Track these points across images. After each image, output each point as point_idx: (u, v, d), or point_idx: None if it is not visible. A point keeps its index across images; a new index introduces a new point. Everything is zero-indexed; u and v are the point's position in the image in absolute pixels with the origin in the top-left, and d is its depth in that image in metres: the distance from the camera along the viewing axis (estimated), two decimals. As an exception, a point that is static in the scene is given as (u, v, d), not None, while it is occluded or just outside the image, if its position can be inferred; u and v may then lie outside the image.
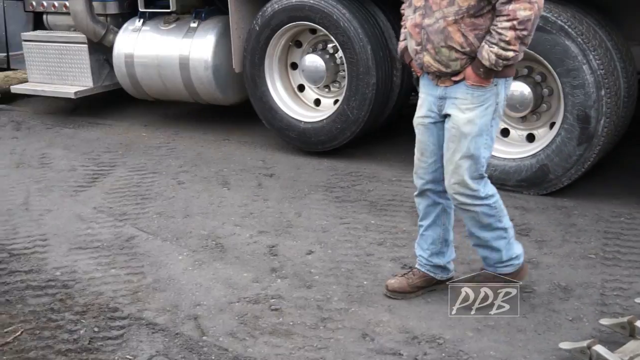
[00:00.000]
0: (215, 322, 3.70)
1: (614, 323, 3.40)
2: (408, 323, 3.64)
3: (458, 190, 3.54)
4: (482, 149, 3.49)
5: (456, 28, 3.33)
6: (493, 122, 3.50)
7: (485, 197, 3.56)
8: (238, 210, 5.24)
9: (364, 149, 6.49)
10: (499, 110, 3.49)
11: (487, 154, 3.54)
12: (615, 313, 3.65)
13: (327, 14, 5.92)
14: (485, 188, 3.57)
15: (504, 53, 3.24)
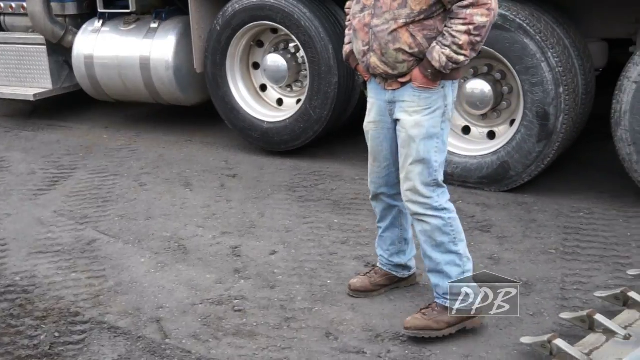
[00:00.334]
0: (178, 324, 3.69)
1: (574, 317, 3.44)
2: (371, 321, 3.66)
3: (410, 197, 3.44)
4: (432, 152, 3.38)
5: (405, 29, 3.25)
6: (443, 125, 3.40)
7: (440, 208, 3.42)
8: (201, 211, 5.22)
9: (327, 148, 6.51)
10: (448, 113, 3.40)
11: (439, 159, 3.41)
12: (575, 307, 3.69)
13: (288, 14, 5.92)
14: (439, 198, 3.43)
15: (455, 56, 3.17)
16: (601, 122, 5.44)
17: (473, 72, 5.45)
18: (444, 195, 3.46)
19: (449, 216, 3.44)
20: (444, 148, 3.43)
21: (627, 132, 4.82)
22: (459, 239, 3.47)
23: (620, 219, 4.80)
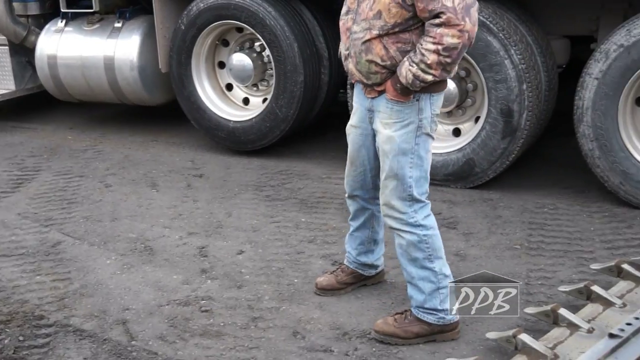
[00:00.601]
0: (144, 326, 3.66)
1: (538, 311, 3.47)
2: (339, 319, 3.67)
3: (386, 212, 3.40)
4: (406, 168, 3.27)
5: (378, 41, 3.16)
6: (418, 139, 3.25)
7: (415, 224, 3.34)
8: (167, 212, 5.19)
9: (293, 147, 6.51)
10: (424, 127, 3.25)
11: (414, 174, 3.29)
12: (539, 302, 3.73)
13: (253, 12, 5.91)
14: (416, 214, 3.34)
15: (423, 75, 3.04)
16: (564, 119, 5.50)
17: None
18: (421, 211, 3.36)
19: (424, 233, 3.35)
20: (421, 163, 3.29)
21: (589, 128, 4.88)
22: (435, 256, 3.38)
23: (583, 214, 4.86)
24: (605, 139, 4.84)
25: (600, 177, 4.95)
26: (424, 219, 3.36)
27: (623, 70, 4.72)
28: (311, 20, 6.11)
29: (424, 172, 3.33)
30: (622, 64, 4.71)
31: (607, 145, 4.86)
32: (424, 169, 3.33)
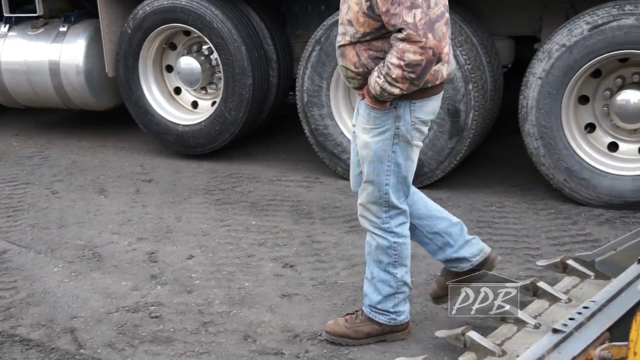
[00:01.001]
0: (93, 333, 3.62)
1: (487, 309, 3.52)
2: (290, 322, 3.66)
3: (361, 212, 3.36)
4: (382, 175, 3.21)
5: (352, 47, 3.09)
6: (395, 147, 3.16)
7: (388, 230, 3.30)
8: (116, 217, 5.14)
9: (243, 150, 6.50)
10: (402, 135, 3.14)
11: (391, 181, 3.22)
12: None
13: (199, 15, 5.88)
14: (392, 221, 3.30)
15: (389, 88, 2.96)
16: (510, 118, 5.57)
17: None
18: (397, 218, 3.31)
19: (395, 240, 3.31)
20: (398, 170, 3.20)
21: (534, 127, 4.95)
22: (400, 263, 3.36)
23: (530, 212, 4.94)
24: (550, 137, 4.93)
25: (546, 175, 5.03)
26: (398, 226, 3.32)
27: (565, 69, 4.80)
28: (259, 23, 6.10)
29: (402, 178, 3.24)
30: (565, 63, 4.79)
31: (551, 144, 4.94)
32: (402, 176, 3.23)
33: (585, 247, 4.32)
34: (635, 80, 4.88)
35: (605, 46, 4.68)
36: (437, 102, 3.24)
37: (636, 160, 4.94)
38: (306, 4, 6.15)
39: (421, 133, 3.21)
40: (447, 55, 3.13)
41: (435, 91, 3.17)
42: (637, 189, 4.80)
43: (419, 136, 3.21)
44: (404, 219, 3.35)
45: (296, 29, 6.33)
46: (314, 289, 3.99)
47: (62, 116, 7.94)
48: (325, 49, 5.44)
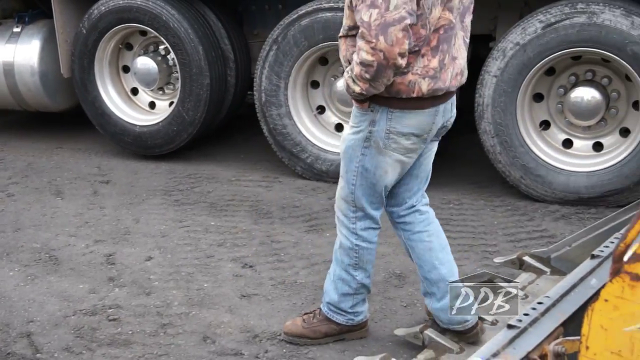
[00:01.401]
0: (49, 337, 3.57)
1: (445, 306, 3.54)
2: (249, 322, 3.66)
3: (335, 204, 3.31)
4: (351, 174, 3.14)
5: (344, 40, 3.04)
6: (365, 150, 3.06)
7: (352, 231, 3.26)
8: (73, 220, 5.08)
9: (202, 150, 6.47)
10: (374, 140, 3.02)
11: (358, 182, 3.15)
12: (446, 296, 3.80)
13: (156, 15, 5.84)
14: (357, 222, 3.25)
15: (352, 85, 2.89)
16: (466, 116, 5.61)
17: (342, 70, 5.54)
18: (363, 220, 3.24)
19: (357, 243, 3.27)
20: (366, 174, 3.10)
21: (490, 125, 5.00)
22: (360, 266, 3.30)
23: (487, 209, 4.99)
24: (506, 134, 4.98)
25: (502, 172, 5.09)
26: (364, 230, 3.26)
27: (520, 67, 4.86)
28: (216, 23, 6.07)
29: (371, 185, 3.14)
30: (519, 61, 4.85)
31: (507, 141, 5.00)
32: (371, 182, 3.13)
33: (542, 243, 4.38)
34: (589, 77, 4.96)
35: (559, 44, 4.75)
36: (422, 118, 3.00)
37: (590, 156, 5.02)
38: (263, 4, 6.13)
39: (399, 145, 3.02)
40: (431, 69, 2.90)
41: (417, 105, 2.96)
42: (592, 184, 4.88)
43: (396, 147, 3.03)
44: (372, 224, 3.27)
45: (253, 28, 6.31)
46: (274, 288, 3.99)
47: (17, 117, 7.83)
48: (282, 48, 5.44)
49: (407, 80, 2.89)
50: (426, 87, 2.91)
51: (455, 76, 3.01)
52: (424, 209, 3.39)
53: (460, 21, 3.00)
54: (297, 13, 5.37)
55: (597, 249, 2.85)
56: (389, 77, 2.83)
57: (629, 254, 1.73)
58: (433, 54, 2.89)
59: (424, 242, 3.32)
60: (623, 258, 1.74)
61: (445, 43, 2.91)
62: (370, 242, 3.31)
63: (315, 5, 5.31)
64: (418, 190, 3.34)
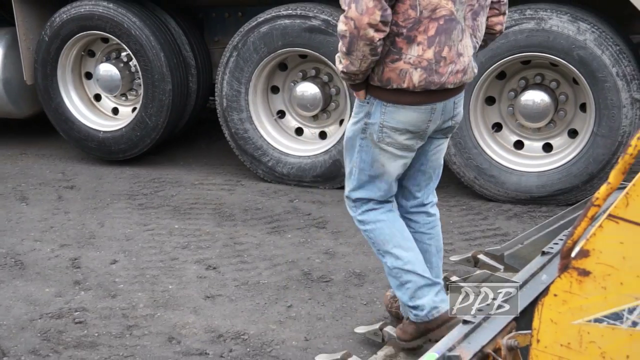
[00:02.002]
0: (16, 341, 3.53)
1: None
2: (213, 322, 3.65)
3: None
4: (348, 162, 3.07)
5: None
6: (362, 142, 2.96)
7: (357, 219, 3.13)
8: (38, 225, 5.02)
9: (165, 155, 6.44)
10: (369, 133, 2.91)
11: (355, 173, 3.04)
12: (405, 294, 3.83)
13: (117, 23, 5.79)
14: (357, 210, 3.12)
15: (337, 65, 2.83)
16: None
17: (302, 75, 5.57)
18: (360, 207, 3.10)
19: (364, 228, 3.12)
20: (362, 165, 3.00)
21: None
22: (383, 250, 3.09)
23: (443, 209, 4.99)
24: (460, 137, 5.03)
25: (457, 173, 5.15)
26: (362, 214, 3.11)
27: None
28: (177, 30, 6.05)
29: (368, 177, 3.01)
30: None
31: (461, 143, 5.05)
32: (366, 174, 3.01)
33: (496, 241, 4.43)
34: (538, 81, 5.04)
35: (509, 49, 4.82)
36: (417, 115, 2.85)
37: (540, 157, 5.10)
38: (223, 11, 6.13)
39: (393, 140, 2.90)
40: (424, 60, 2.75)
41: (411, 101, 2.82)
42: (542, 184, 4.95)
43: (390, 142, 2.90)
44: (372, 205, 3.09)
45: (214, 35, 6.30)
46: (237, 289, 3.99)
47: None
48: (242, 55, 5.44)
49: (398, 68, 2.75)
50: (417, 78, 2.75)
51: (455, 73, 2.82)
52: (432, 211, 3.27)
53: (472, 19, 2.83)
54: (256, 20, 5.38)
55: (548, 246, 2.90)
56: (364, 52, 2.66)
57: (577, 250, 1.77)
58: (429, 44, 2.73)
59: (424, 243, 3.23)
60: (571, 254, 1.77)
61: (444, 35, 2.74)
62: (375, 221, 3.09)
63: (273, 13, 5.31)
64: (427, 186, 3.21)
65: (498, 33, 3.07)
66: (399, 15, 2.70)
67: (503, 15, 3.03)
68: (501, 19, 3.03)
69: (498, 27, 3.04)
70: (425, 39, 2.73)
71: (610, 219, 1.70)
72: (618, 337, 1.73)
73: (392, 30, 2.71)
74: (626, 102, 4.64)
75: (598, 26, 4.66)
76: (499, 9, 3.01)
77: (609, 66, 4.63)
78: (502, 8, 3.01)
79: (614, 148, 4.73)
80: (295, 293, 3.92)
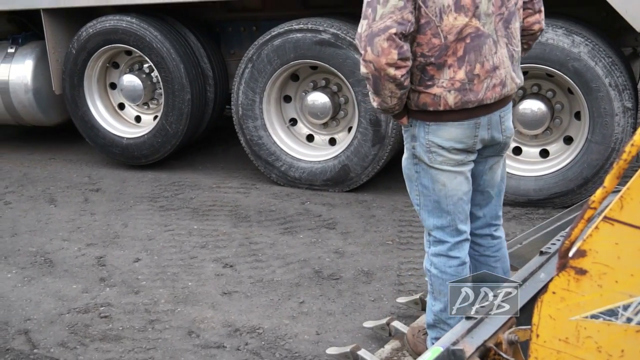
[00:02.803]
0: (45, 334, 3.54)
1: (409, 300, 3.56)
2: (230, 317, 3.65)
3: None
4: (414, 195, 2.82)
5: None
6: (417, 167, 2.74)
7: (428, 253, 2.85)
8: (66, 225, 5.04)
9: (185, 159, 6.44)
10: (419, 156, 2.70)
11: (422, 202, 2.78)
12: (410, 291, 3.82)
13: (140, 37, 5.81)
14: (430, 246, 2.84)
15: (371, 102, 2.66)
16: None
17: (312, 85, 5.57)
18: (435, 245, 2.83)
19: (428, 268, 2.86)
20: (427, 192, 2.74)
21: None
22: (435, 296, 2.86)
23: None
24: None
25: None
26: (435, 255, 2.82)
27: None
28: (195, 43, 6.06)
29: (434, 202, 2.75)
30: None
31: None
32: (433, 200, 2.75)
33: (495, 241, 4.41)
34: (535, 91, 5.01)
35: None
36: (460, 131, 2.63)
37: (538, 162, 5.07)
38: (239, 25, 6.14)
39: (444, 157, 2.66)
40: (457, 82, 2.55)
41: (452, 117, 2.61)
42: (539, 188, 4.93)
43: (443, 160, 2.67)
44: (444, 251, 2.80)
45: (230, 48, 6.31)
46: (252, 286, 3.98)
47: (13, 132, 7.75)
48: (257, 66, 5.44)
49: (432, 93, 2.57)
50: (453, 100, 2.56)
51: (493, 87, 2.61)
52: (498, 233, 3.02)
53: (504, 27, 2.62)
54: (270, 34, 5.38)
55: (545, 246, 2.87)
56: (391, 90, 2.51)
57: (574, 250, 1.76)
58: (459, 64, 2.54)
59: (490, 266, 3.00)
60: (568, 254, 1.76)
61: (472, 52, 2.54)
62: (442, 271, 2.80)
63: (286, 27, 5.32)
64: (487, 205, 2.95)
65: (538, 32, 2.83)
66: (423, 46, 2.53)
67: (539, 13, 2.79)
68: (538, 17, 2.79)
69: (536, 26, 2.80)
70: (455, 60, 2.54)
71: (606, 221, 1.69)
72: (613, 333, 1.72)
73: (420, 61, 2.55)
74: (618, 110, 4.62)
75: (591, 39, 4.64)
76: (533, 8, 2.77)
77: (602, 77, 4.61)
78: (535, 6, 2.77)
79: (607, 154, 4.71)
80: (307, 290, 3.91)
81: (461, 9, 2.50)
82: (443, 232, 2.78)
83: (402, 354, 3.14)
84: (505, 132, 2.76)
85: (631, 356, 1.71)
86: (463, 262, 2.81)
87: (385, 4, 2.44)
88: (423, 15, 2.48)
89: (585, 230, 1.75)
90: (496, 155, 2.84)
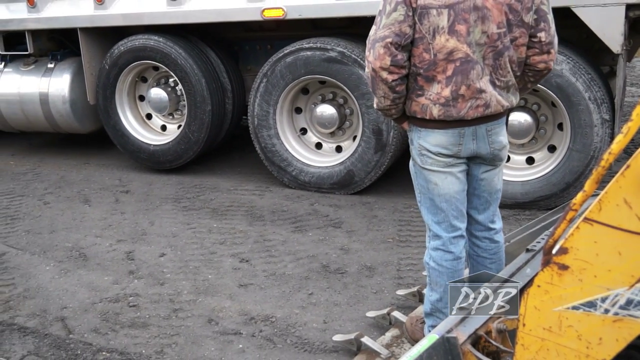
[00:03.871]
0: (80, 321, 3.56)
1: (407, 292, 3.56)
2: (246, 307, 3.66)
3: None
4: (418, 193, 2.83)
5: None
6: (416, 169, 2.79)
7: (428, 247, 2.87)
8: (98, 223, 5.05)
9: (205, 164, 6.45)
10: (414, 158, 2.77)
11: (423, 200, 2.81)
12: (409, 284, 3.82)
13: (166, 54, 5.83)
14: (430, 241, 2.86)
15: (374, 104, 2.75)
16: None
17: (321, 98, 5.57)
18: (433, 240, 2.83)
19: (427, 261, 2.87)
20: (426, 192, 2.78)
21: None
22: (432, 287, 2.87)
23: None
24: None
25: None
26: (432, 249, 2.84)
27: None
28: (216, 59, 6.07)
29: (430, 200, 2.77)
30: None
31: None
32: (429, 197, 2.78)
33: (485, 240, 4.39)
34: (521, 104, 5.00)
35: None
36: (446, 138, 2.66)
37: (524, 168, 5.06)
38: (255, 44, 6.16)
39: (434, 160, 2.69)
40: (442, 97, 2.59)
41: (436, 126, 2.65)
42: (526, 191, 4.92)
43: (433, 162, 2.70)
44: (441, 246, 2.81)
45: (247, 64, 6.33)
46: (266, 279, 3.99)
47: (51, 139, 7.78)
48: (271, 81, 5.45)
49: (420, 102, 2.63)
50: (437, 112, 2.61)
51: (476, 107, 2.61)
52: (497, 238, 2.98)
53: (494, 59, 2.60)
54: (283, 52, 5.39)
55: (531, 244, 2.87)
56: (384, 90, 2.59)
57: (557, 248, 1.76)
58: (447, 83, 2.57)
59: (486, 267, 2.97)
60: (552, 251, 1.77)
61: (460, 75, 2.56)
62: (439, 264, 2.82)
63: (297, 46, 5.33)
64: (485, 210, 2.92)
65: (544, 70, 2.74)
66: (415, 58, 2.58)
67: (547, 54, 2.69)
68: (545, 58, 2.70)
69: (541, 65, 2.72)
70: (444, 78, 2.57)
71: (586, 222, 1.69)
72: (592, 323, 1.72)
73: (412, 70, 2.60)
74: (597, 122, 4.61)
75: (572, 57, 4.64)
76: (541, 49, 2.68)
77: (582, 92, 4.60)
78: (544, 48, 2.68)
79: (587, 161, 4.69)
80: (316, 283, 3.92)
81: (454, 33, 2.53)
82: (439, 226, 2.80)
83: (401, 341, 3.14)
84: (493, 144, 2.72)
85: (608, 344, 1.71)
86: (457, 257, 2.82)
87: (388, 15, 2.53)
88: (417, 30, 2.54)
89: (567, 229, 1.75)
90: (489, 165, 2.81)
